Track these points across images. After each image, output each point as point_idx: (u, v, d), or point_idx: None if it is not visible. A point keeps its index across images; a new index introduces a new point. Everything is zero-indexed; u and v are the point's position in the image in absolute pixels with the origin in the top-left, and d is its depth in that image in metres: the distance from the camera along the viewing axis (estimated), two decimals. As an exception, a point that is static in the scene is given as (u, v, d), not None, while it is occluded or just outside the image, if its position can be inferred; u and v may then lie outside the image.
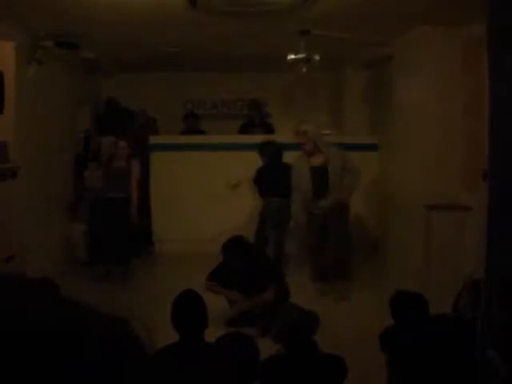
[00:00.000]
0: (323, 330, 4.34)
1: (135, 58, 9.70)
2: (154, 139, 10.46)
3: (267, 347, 4.72)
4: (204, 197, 10.17)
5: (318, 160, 7.89)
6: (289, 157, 10.24)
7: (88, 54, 8.58)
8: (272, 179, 8.79)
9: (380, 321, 5.36)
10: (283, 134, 11.61)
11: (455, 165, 7.25)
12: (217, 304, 6.92)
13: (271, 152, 8.89)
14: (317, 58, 7.53)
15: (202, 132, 11.24)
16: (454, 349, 3.92)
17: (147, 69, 10.96)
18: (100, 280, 8.32)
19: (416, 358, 4.11)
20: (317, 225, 7.97)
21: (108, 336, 0.95)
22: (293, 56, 7.54)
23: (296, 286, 7.74)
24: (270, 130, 11.41)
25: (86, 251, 9.15)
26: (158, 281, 8.68)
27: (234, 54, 9.17)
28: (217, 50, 8.63)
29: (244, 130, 11.32)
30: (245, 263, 6.87)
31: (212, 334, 4.61)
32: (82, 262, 9.08)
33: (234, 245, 6.96)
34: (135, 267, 9.12)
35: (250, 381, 4.28)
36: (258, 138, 10.60)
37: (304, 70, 7.67)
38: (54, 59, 8.55)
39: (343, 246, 7.97)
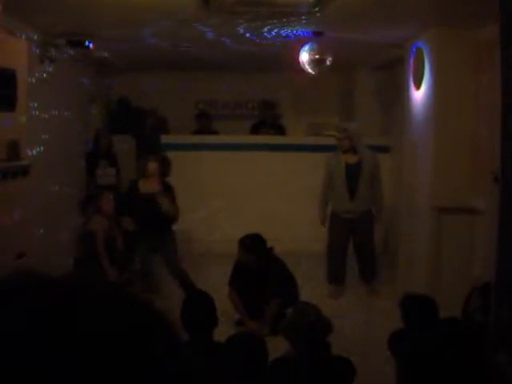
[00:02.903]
0: (333, 332, 4.33)
1: (147, 57, 9.70)
2: (165, 138, 10.46)
3: (276, 347, 4.72)
4: (215, 197, 10.16)
5: (352, 158, 8.01)
6: (299, 158, 10.29)
7: (100, 52, 8.59)
8: None
9: (390, 323, 5.36)
10: (294, 135, 11.65)
11: (466, 168, 7.22)
12: (228, 303, 6.93)
13: None
14: (329, 60, 7.51)
15: (214, 132, 11.24)
16: (463, 352, 3.90)
17: (159, 68, 10.97)
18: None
19: (425, 362, 4.09)
20: (343, 228, 8.09)
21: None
22: (305, 57, 7.52)
23: (309, 286, 7.77)
24: (281, 130, 11.41)
25: None
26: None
27: (246, 54, 9.16)
28: (228, 49, 8.62)
29: (255, 130, 11.33)
30: (257, 262, 6.86)
31: (224, 333, 4.62)
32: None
33: (250, 240, 6.97)
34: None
35: (258, 381, 4.27)
36: (270, 139, 10.61)
37: (316, 71, 7.65)
38: (66, 58, 8.57)
39: (371, 249, 8.24)
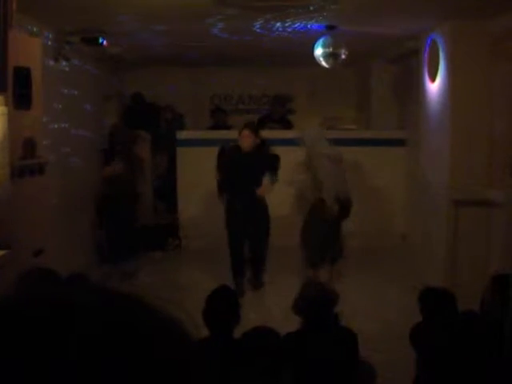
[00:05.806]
0: (347, 322, 4.35)
1: (161, 52, 9.71)
2: (180, 134, 10.47)
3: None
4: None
5: None
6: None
7: (114, 49, 8.61)
8: None
9: (405, 314, 5.36)
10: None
11: (482, 160, 7.19)
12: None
13: None
14: (344, 53, 7.48)
15: (229, 127, 11.17)
16: (482, 347, 3.89)
17: (173, 64, 10.97)
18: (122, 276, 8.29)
19: (446, 357, 4.08)
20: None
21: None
22: (320, 51, 7.49)
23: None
24: (288, 126, 11.29)
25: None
26: (183, 277, 8.69)
27: (261, 48, 9.15)
28: (243, 44, 8.62)
29: (261, 124, 11.20)
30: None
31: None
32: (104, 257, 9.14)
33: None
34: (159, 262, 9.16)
35: (277, 373, 4.28)
36: (290, 134, 10.58)
37: (331, 65, 7.62)
38: (81, 55, 8.60)
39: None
